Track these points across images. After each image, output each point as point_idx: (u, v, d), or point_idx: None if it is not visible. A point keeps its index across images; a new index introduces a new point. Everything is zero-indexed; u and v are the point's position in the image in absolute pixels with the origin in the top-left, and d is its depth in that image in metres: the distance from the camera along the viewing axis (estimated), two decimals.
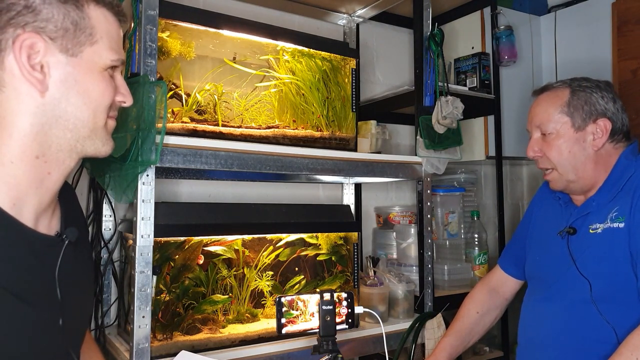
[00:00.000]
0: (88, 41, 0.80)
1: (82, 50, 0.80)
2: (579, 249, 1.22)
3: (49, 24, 0.77)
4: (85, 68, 0.81)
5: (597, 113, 1.23)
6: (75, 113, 0.80)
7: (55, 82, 0.78)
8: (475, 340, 1.49)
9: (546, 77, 2.37)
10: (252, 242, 1.49)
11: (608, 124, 1.22)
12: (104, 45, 0.82)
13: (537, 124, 1.29)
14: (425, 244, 1.75)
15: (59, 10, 0.77)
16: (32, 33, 0.76)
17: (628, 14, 2.05)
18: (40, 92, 0.77)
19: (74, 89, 0.80)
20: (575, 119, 1.24)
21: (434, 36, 1.75)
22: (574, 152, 1.24)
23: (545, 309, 1.28)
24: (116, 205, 1.58)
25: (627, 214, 1.16)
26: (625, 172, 1.21)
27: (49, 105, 0.78)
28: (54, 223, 0.87)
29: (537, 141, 1.29)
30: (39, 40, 0.76)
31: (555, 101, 1.26)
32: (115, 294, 1.55)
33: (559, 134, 1.25)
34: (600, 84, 1.27)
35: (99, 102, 0.83)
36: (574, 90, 1.25)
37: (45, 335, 0.80)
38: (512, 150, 2.25)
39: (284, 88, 1.56)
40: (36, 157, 0.79)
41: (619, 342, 1.11)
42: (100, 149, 0.86)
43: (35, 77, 0.76)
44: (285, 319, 1.15)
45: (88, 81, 0.81)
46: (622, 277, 1.14)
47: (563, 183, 1.27)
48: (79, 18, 0.79)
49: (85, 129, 0.82)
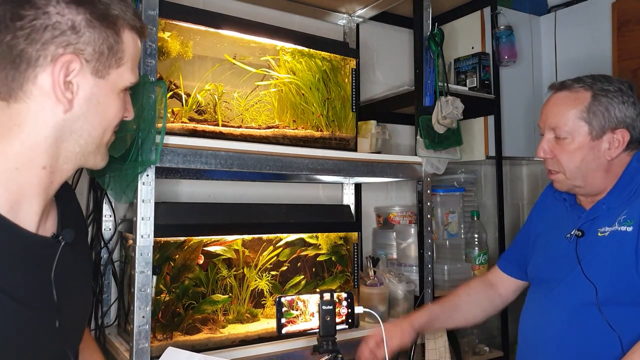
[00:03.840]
0: (116, 64, 0.82)
1: (110, 73, 0.81)
2: (586, 252, 1.20)
3: (88, 47, 0.78)
4: (108, 90, 0.82)
5: (617, 122, 1.17)
6: (89, 130, 0.82)
7: (80, 101, 0.79)
8: (458, 322, 1.47)
9: (546, 77, 2.37)
10: (252, 242, 1.49)
11: (626, 135, 1.17)
12: (128, 67, 0.84)
13: (552, 125, 1.22)
14: (425, 244, 1.75)
15: (100, 35, 0.78)
16: (72, 55, 0.76)
17: (628, 14, 2.05)
18: (65, 110, 0.78)
19: (95, 108, 0.81)
20: (593, 126, 1.17)
21: (434, 36, 1.75)
22: (587, 160, 1.19)
23: (547, 311, 1.27)
24: (116, 205, 1.58)
25: (636, 218, 1.13)
26: (636, 175, 1.19)
27: (68, 122, 0.79)
28: (50, 224, 0.87)
29: (549, 142, 1.23)
30: (76, 62, 0.77)
31: (575, 105, 1.19)
32: (115, 294, 1.55)
33: (573, 140, 1.19)
34: (623, 86, 1.20)
35: (111, 121, 0.85)
36: (596, 95, 1.18)
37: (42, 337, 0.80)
38: (512, 150, 2.25)
39: (284, 88, 1.56)
40: (43, 167, 0.80)
41: (622, 346, 1.09)
42: (98, 164, 0.88)
43: (66, 97, 0.77)
44: (285, 319, 1.15)
45: (108, 102, 0.83)
46: (628, 281, 1.12)
47: (568, 186, 1.24)
48: (115, 43, 0.80)
49: (93, 144, 0.84)
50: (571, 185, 1.24)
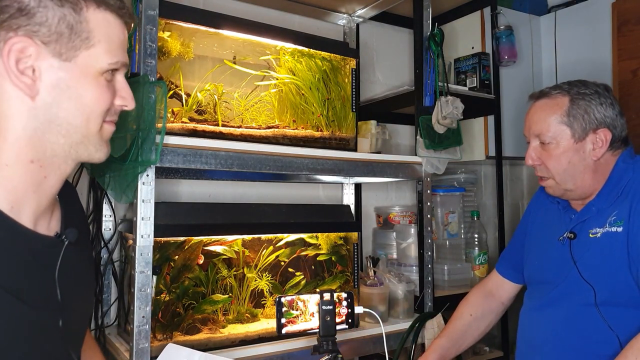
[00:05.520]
0: (84, 45, 0.78)
1: (77, 55, 0.78)
2: (579, 254, 1.21)
3: (42, 27, 0.74)
4: (78, 73, 0.78)
5: (597, 122, 1.20)
6: (68, 118, 0.78)
7: (47, 86, 0.76)
8: (469, 343, 1.47)
9: (546, 77, 2.37)
10: (252, 242, 1.49)
11: (608, 135, 1.20)
12: (101, 48, 0.80)
13: (535, 132, 1.26)
14: (425, 244, 1.75)
15: (55, 14, 0.75)
16: (24, 37, 0.74)
17: (628, 14, 2.05)
18: (30, 96, 0.76)
19: (66, 94, 0.78)
20: (575, 129, 1.20)
21: (434, 36, 1.75)
22: (574, 163, 1.21)
23: (545, 313, 1.27)
24: (116, 205, 1.58)
25: (625, 218, 1.15)
26: (623, 176, 1.20)
27: (41, 110, 0.77)
28: (53, 224, 0.87)
29: (536, 149, 1.26)
30: (30, 45, 0.74)
31: (555, 110, 1.23)
32: (115, 294, 1.55)
33: (558, 145, 1.22)
34: (599, 88, 1.23)
35: (92, 108, 0.80)
36: (573, 99, 1.22)
37: (45, 336, 0.80)
38: (512, 150, 2.25)
39: (284, 88, 1.56)
40: (31, 161, 0.78)
41: (620, 345, 1.10)
42: (93, 155, 0.84)
43: (24, 82, 0.75)
44: (285, 319, 1.15)
45: (81, 86, 0.79)
46: (622, 281, 1.13)
47: (560, 191, 1.26)
48: (75, 22, 0.77)
49: (78, 134, 0.80)
50: (562, 190, 1.25)
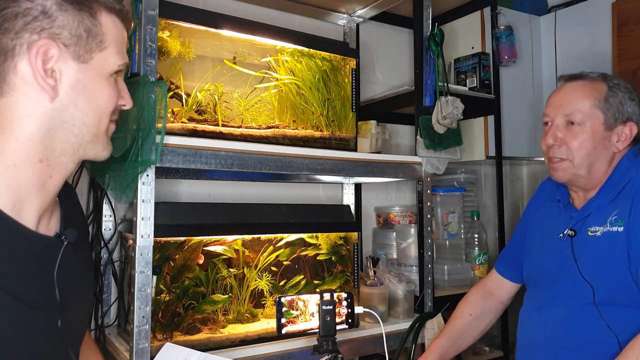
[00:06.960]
0: (98, 48, 0.81)
1: (92, 57, 0.81)
2: (580, 252, 1.21)
3: (64, 30, 0.77)
4: (94, 74, 0.82)
5: (628, 116, 1.21)
6: (82, 118, 0.81)
7: (65, 88, 0.79)
8: (468, 342, 1.47)
9: (546, 77, 2.37)
10: (252, 242, 1.49)
11: (635, 130, 1.21)
12: (112, 51, 0.83)
13: (567, 112, 1.22)
14: (425, 244, 1.75)
15: (74, 18, 0.78)
16: (48, 39, 0.76)
17: (628, 14, 2.05)
18: (51, 98, 0.78)
19: (83, 95, 0.80)
20: (608, 116, 1.20)
21: (434, 36, 1.75)
22: (598, 149, 1.20)
23: (545, 312, 1.27)
24: (116, 205, 1.58)
25: (626, 218, 1.14)
26: (625, 173, 1.20)
27: (57, 111, 0.79)
28: (53, 224, 0.87)
29: (561, 129, 1.23)
30: (53, 47, 0.77)
31: (592, 93, 1.21)
32: (115, 294, 1.55)
33: (588, 128, 1.20)
34: (629, 86, 1.23)
35: (104, 108, 0.84)
36: (611, 88, 1.21)
37: (44, 336, 0.80)
38: (512, 150, 2.25)
39: (284, 88, 1.56)
40: (39, 160, 0.79)
41: (620, 344, 1.10)
42: (100, 153, 0.87)
43: (48, 84, 0.77)
44: (285, 319, 1.15)
45: (96, 87, 0.82)
46: (622, 281, 1.13)
47: (571, 175, 1.23)
48: (92, 25, 0.80)
49: (90, 134, 0.83)
50: (574, 173, 1.23)
